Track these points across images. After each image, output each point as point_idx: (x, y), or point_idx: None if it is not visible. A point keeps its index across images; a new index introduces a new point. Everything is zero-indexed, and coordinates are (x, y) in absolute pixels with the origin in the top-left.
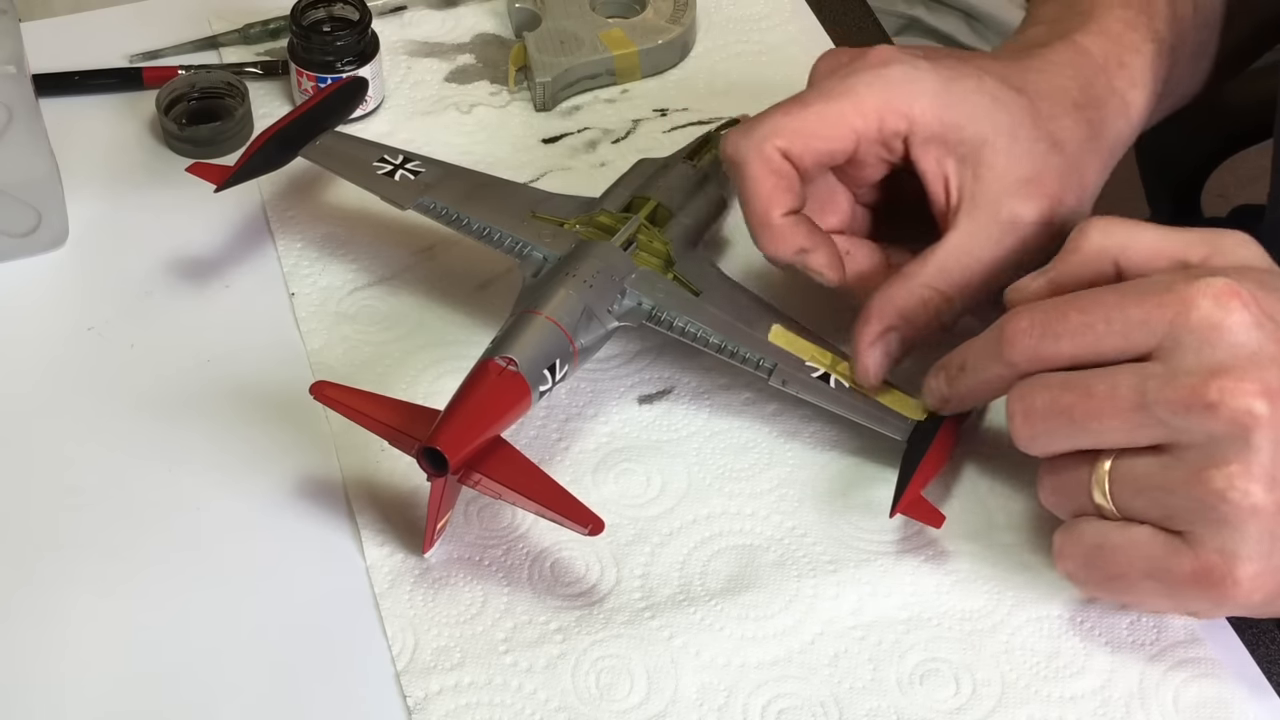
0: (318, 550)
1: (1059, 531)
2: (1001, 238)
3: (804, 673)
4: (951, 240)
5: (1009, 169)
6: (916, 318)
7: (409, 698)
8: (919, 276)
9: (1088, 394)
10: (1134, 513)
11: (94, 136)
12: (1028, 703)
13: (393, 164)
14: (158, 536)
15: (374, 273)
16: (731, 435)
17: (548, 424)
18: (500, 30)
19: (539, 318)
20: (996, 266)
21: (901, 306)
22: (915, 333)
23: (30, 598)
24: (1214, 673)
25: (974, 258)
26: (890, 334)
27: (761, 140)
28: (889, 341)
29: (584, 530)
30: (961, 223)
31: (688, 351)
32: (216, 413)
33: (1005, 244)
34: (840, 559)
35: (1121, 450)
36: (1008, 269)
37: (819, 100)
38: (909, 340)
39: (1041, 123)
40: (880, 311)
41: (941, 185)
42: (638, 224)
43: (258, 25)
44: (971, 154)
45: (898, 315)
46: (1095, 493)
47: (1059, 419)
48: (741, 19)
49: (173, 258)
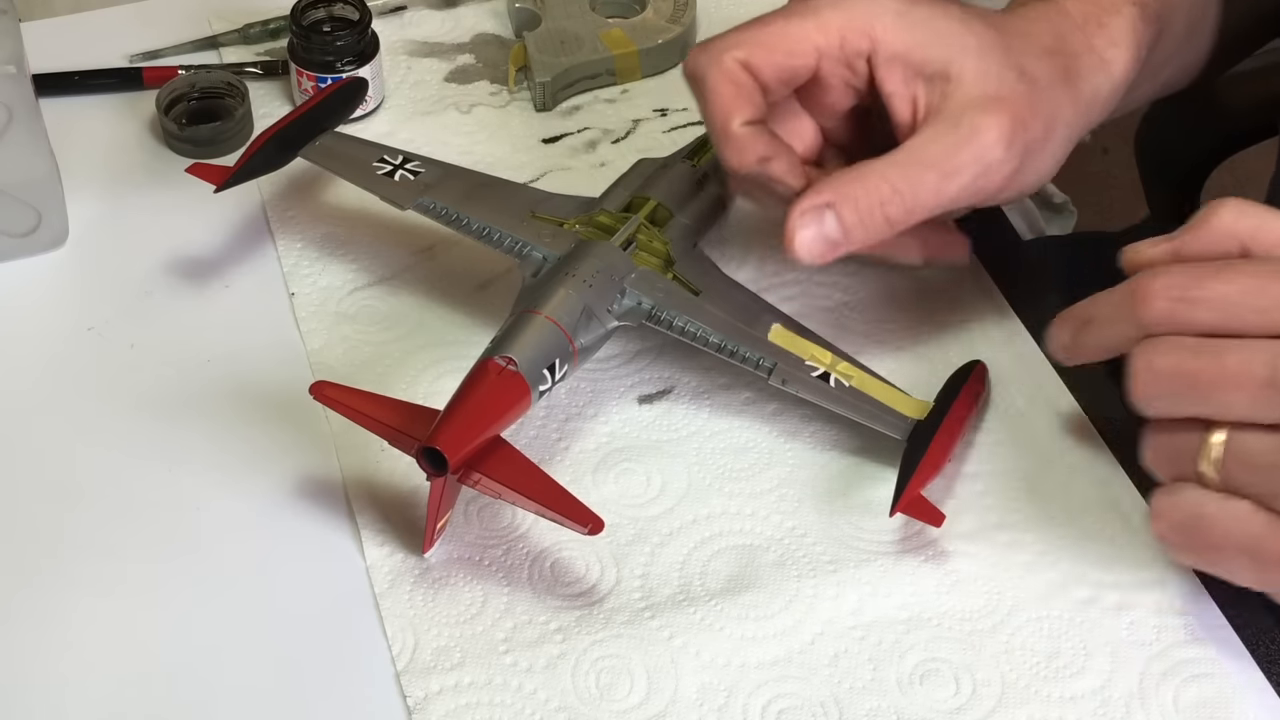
0: (318, 550)
1: (1158, 493)
2: (959, 147)
3: (804, 673)
4: (910, 143)
5: (975, 85)
6: (859, 202)
7: (409, 698)
8: (871, 166)
9: (1219, 363)
10: (1239, 487)
11: (94, 136)
12: (1028, 703)
13: (392, 164)
14: (158, 536)
15: (374, 273)
16: (731, 435)
17: (548, 424)
18: (500, 30)
19: (538, 317)
20: (950, 176)
21: (847, 189)
22: (855, 220)
23: (30, 598)
24: (1214, 673)
25: (928, 163)
26: (828, 211)
27: (720, 52)
28: (825, 218)
29: (584, 530)
30: (923, 130)
31: (688, 351)
32: (216, 413)
33: (962, 155)
34: (840, 559)
35: (1238, 423)
36: (962, 184)
37: (780, 18)
38: (847, 227)
39: (1011, 55)
40: (823, 187)
41: (909, 106)
42: (637, 224)
43: (258, 25)
44: (939, 73)
45: (839, 194)
46: (1202, 461)
47: (1183, 383)
48: (741, 19)
49: (173, 258)
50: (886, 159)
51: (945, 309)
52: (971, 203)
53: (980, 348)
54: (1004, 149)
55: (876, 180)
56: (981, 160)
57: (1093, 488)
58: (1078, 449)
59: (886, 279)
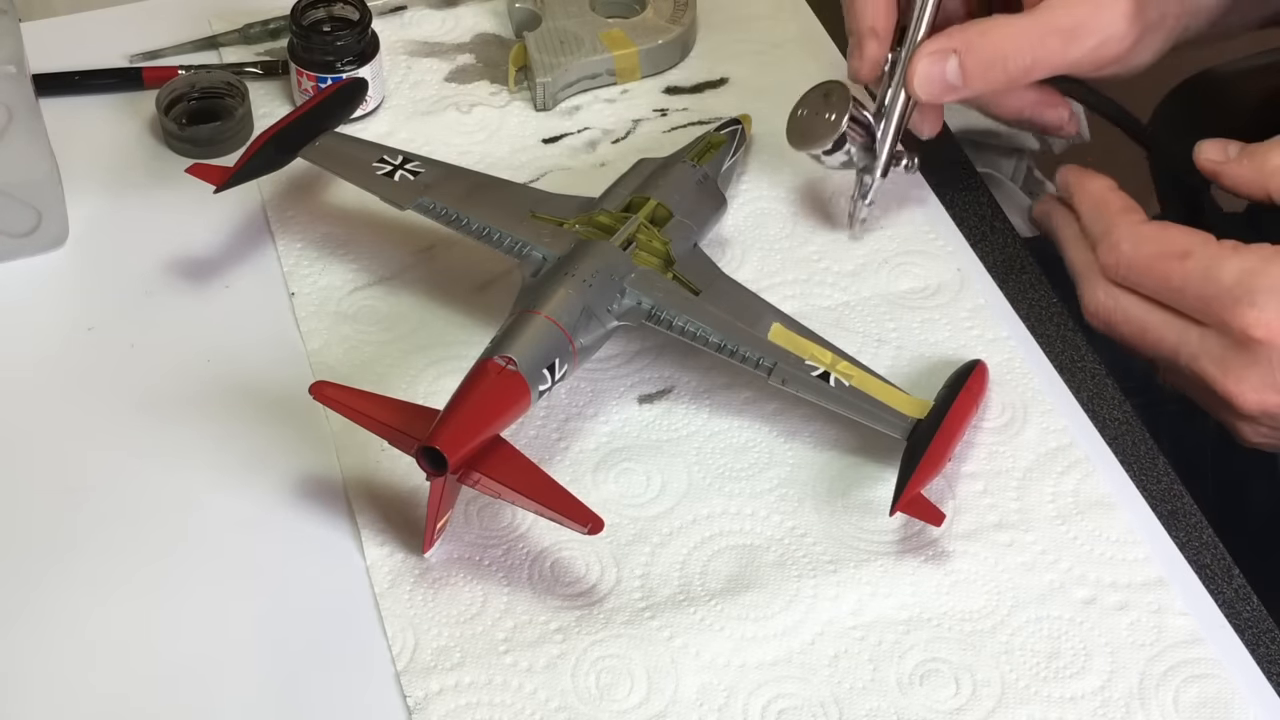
0: (318, 550)
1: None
2: (1086, 16)
3: (804, 673)
4: (1040, 6)
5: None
6: (984, 52)
7: (409, 698)
8: (1000, 21)
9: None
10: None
11: (94, 136)
12: (1028, 703)
13: (392, 164)
14: (157, 536)
15: (374, 273)
16: (731, 435)
17: (548, 424)
18: (500, 30)
19: (538, 317)
20: (1074, 41)
21: (975, 39)
22: (977, 69)
23: (30, 597)
24: (1214, 673)
25: (1056, 26)
26: (953, 55)
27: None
28: (949, 62)
29: (584, 530)
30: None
31: (687, 351)
32: (216, 413)
33: (1091, 23)
34: (840, 559)
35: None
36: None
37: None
38: (968, 74)
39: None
40: (954, 32)
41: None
42: (637, 224)
43: (258, 25)
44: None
45: (967, 43)
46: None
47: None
48: (741, 19)
49: (173, 258)
50: (1017, 17)
51: (945, 309)
52: (1084, 71)
53: (980, 348)
54: (1128, 24)
55: (1004, 35)
56: (1106, 30)
57: (1092, 487)
58: (1078, 449)
59: (886, 279)
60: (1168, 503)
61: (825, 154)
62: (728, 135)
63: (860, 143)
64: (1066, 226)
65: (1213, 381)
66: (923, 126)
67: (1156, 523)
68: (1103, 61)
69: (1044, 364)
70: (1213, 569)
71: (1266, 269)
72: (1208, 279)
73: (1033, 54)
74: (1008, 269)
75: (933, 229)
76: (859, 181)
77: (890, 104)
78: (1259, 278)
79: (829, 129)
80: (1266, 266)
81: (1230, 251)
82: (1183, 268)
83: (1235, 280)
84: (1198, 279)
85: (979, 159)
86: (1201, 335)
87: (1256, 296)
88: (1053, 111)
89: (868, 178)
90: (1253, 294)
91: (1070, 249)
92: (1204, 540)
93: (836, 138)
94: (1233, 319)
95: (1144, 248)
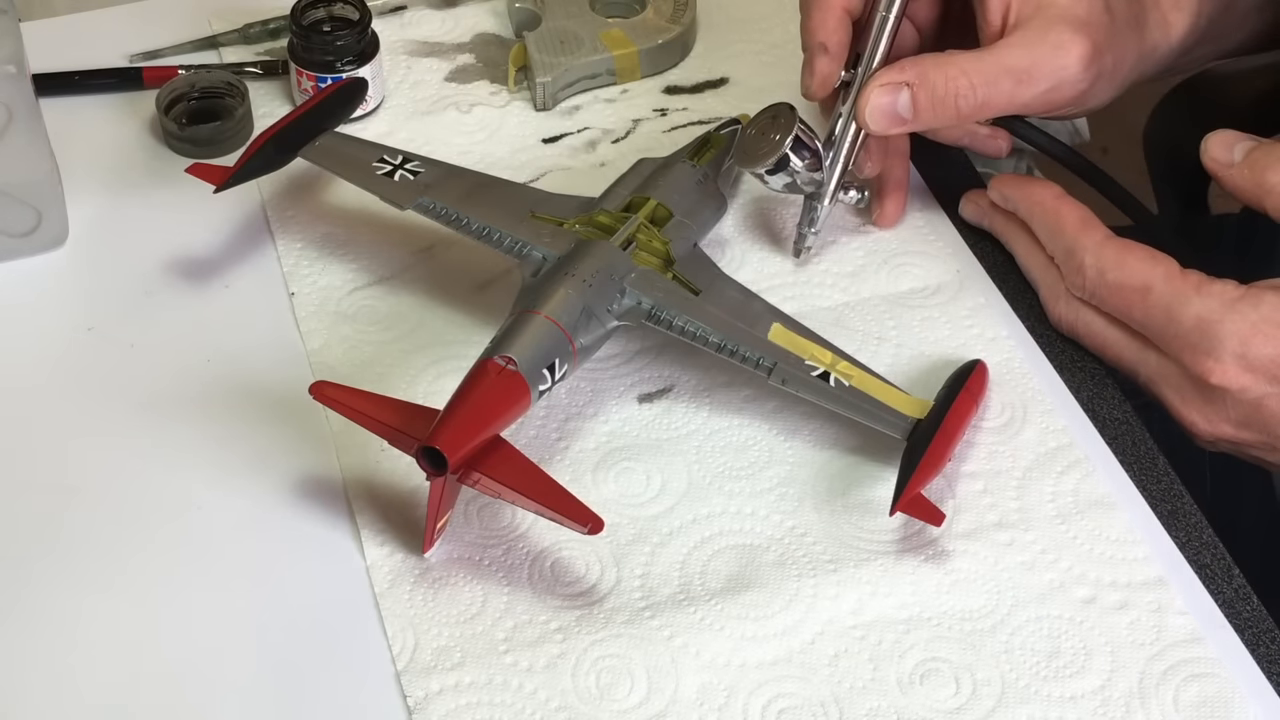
0: (318, 550)
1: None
2: (1044, 59)
3: (804, 673)
4: (996, 45)
5: (1068, 6)
6: (936, 89)
7: (409, 698)
8: (955, 58)
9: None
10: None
11: (94, 136)
12: (1028, 703)
13: (392, 164)
14: (157, 536)
15: (374, 273)
16: (731, 434)
17: (548, 423)
18: (500, 30)
19: (538, 317)
20: (1027, 84)
21: (929, 74)
22: (928, 104)
23: (30, 597)
24: (1214, 673)
25: (1010, 68)
26: (905, 89)
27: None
28: (901, 95)
29: (584, 529)
30: (1011, 35)
31: (687, 350)
32: (216, 413)
33: (1044, 66)
34: (840, 559)
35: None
36: (1035, 93)
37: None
38: (919, 108)
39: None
40: (907, 65)
41: (1000, 12)
42: (637, 224)
43: (258, 25)
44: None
45: (921, 77)
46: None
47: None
48: (741, 19)
49: (173, 258)
50: (972, 54)
51: (945, 309)
52: (1034, 111)
53: (980, 348)
54: (1082, 69)
55: (957, 72)
56: (1059, 75)
57: (1092, 487)
58: (1077, 449)
59: (886, 279)
60: (1168, 503)
61: (768, 173)
62: (728, 135)
63: (806, 166)
64: (1017, 240)
65: (1169, 406)
66: (865, 163)
67: (1156, 522)
68: (1054, 104)
69: (1044, 364)
70: (1213, 569)
71: (1227, 316)
72: (1169, 319)
73: (984, 93)
74: (1007, 269)
75: (932, 229)
76: (807, 208)
77: (841, 132)
78: (1219, 326)
79: (771, 149)
80: (1227, 314)
81: (1193, 290)
82: (1144, 303)
83: (1194, 326)
84: (1159, 318)
85: (979, 159)
86: (1160, 361)
87: (1214, 346)
88: (991, 142)
89: (817, 205)
90: (1211, 342)
91: (1028, 260)
92: (1204, 540)
93: (778, 158)
94: (1191, 364)
95: (1107, 276)
